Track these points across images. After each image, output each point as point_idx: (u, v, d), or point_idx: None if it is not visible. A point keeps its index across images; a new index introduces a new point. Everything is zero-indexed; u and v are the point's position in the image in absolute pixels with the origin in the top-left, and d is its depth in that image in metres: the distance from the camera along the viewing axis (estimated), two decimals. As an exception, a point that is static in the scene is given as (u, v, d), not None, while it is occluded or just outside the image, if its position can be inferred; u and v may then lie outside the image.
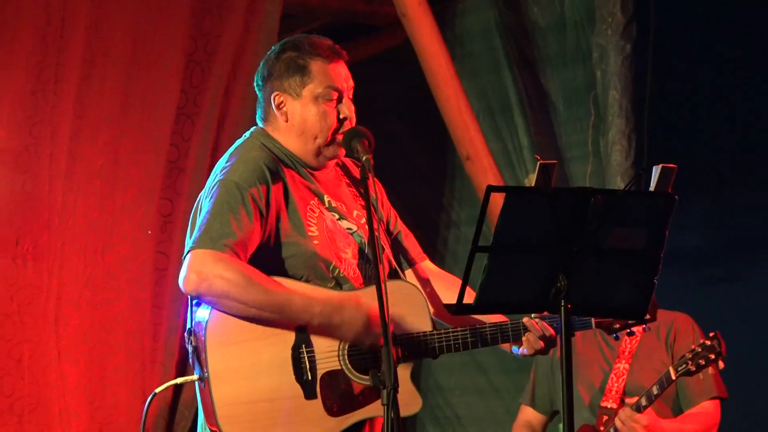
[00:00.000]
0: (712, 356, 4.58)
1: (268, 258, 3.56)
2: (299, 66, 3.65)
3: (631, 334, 3.76)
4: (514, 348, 3.70)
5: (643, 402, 4.73)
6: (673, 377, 4.64)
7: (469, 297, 3.25)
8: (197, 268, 3.44)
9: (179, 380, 3.84)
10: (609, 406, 4.86)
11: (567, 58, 6.28)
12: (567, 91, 6.32)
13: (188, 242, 3.51)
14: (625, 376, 4.88)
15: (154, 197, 5.61)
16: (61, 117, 5.43)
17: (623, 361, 4.93)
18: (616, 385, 4.89)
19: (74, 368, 5.45)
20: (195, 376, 3.55)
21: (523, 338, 3.66)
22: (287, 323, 3.50)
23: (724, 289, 5.98)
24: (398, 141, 6.82)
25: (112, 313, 5.52)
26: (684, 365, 4.61)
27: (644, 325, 3.73)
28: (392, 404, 3.18)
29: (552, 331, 3.64)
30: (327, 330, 3.50)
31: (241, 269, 3.45)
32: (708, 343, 4.60)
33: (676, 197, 3.21)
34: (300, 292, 3.50)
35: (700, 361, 4.59)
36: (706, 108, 6.04)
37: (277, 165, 3.62)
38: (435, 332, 3.61)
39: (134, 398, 5.50)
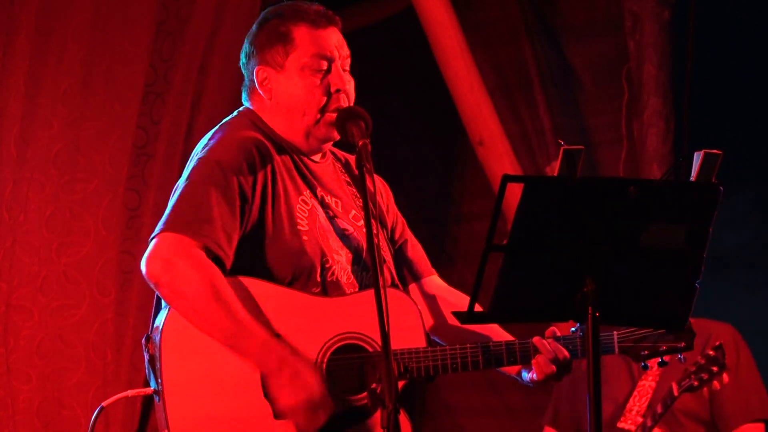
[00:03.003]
0: (715, 369, 4.58)
1: (249, 254, 3.53)
2: (281, 34, 3.63)
3: (663, 364, 3.74)
4: (523, 373, 3.68)
5: (648, 423, 4.75)
6: (675, 394, 4.66)
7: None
8: (165, 254, 3.42)
9: (130, 393, 3.81)
10: (626, 428, 4.87)
11: (595, 26, 6.27)
12: (595, 66, 6.31)
13: (159, 223, 3.47)
14: (649, 395, 4.90)
15: (118, 188, 5.61)
16: (11, 95, 5.42)
17: (650, 378, 4.94)
18: (637, 404, 4.91)
19: (26, 385, 5.44)
20: (150, 389, 3.53)
21: (533, 361, 3.63)
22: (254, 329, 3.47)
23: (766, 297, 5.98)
24: (400, 123, 6.81)
25: (69, 322, 5.52)
26: (687, 380, 4.63)
27: (679, 355, 3.71)
28: (394, 428, 3.16)
29: (566, 354, 3.62)
30: (271, 380, 3.44)
31: (212, 276, 3.42)
32: (712, 354, 4.60)
33: (722, 188, 3.20)
34: (265, 331, 3.44)
35: (703, 375, 4.60)
36: (756, 85, 6.02)
37: (268, 148, 3.60)
38: (429, 349, 3.59)
39: (95, 420, 5.50)
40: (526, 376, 3.66)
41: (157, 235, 3.45)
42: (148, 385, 3.55)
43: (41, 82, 5.50)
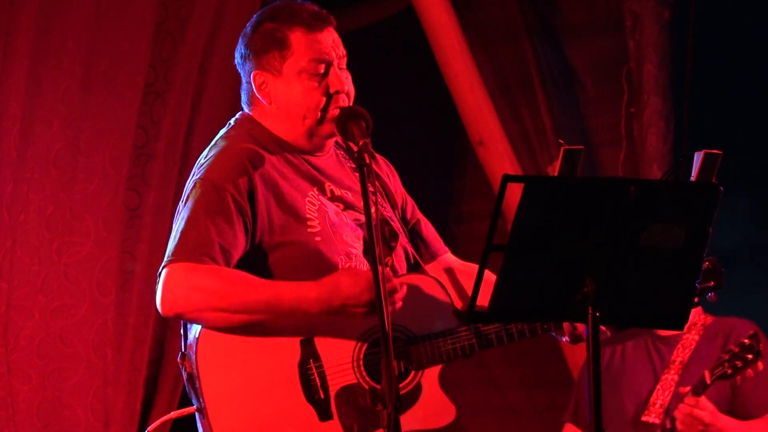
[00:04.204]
0: (750, 357, 4.60)
1: (262, 263, 3.56)
2: (277, 39, 3.63)
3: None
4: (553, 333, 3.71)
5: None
6: (708, 381, 4.66)
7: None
8: (171, 285, 3.45)
9: (174, 414, 3.84)
10: (651, 422, 4.88)
11: (596, 26, 6.27)
12: (595, 66, 6.31)
13: (166, 254, 3.51)
14: (672, 389, 4.90)
15: (119, 188, 5.60)
16: (11, 95, 5.42)
17: (672, 372, 4.95)
18: (661, 398, 4.91)
19: (26, 385, 5.44)
20: (193, 408, 3.55)
21: (564, 324, 3.66)
22: (289, 330, 3.49)
23: (765, 298, 5.97)
24: (400, 123, 6.80)
25: (70, 322, 5.51)
26: (720, 368, 4.63)
27: (708, 293, 3.74)
28: (393, 427, 3.16)
29: None
30: (331, 316, 3.47)
31: (218, 273, 3.45)
32: (747, 342, 4.61)
33: (722, 188, 3.20)
34: (288, 282, 3.48)
35: (737, 363, 4.61)
36: (756, 85, 6.02)
37: (265, 157, 3.61)
38: (464, 328, 3.61)
39: (95, 420, 5.50)
40: (558, 336, 3.69)
41: (164, 267, 3.48)
42: (149, 386, 3.57)
43: (41, 82, 5.50)
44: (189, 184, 3.60)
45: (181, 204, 3.59)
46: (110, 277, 5.56)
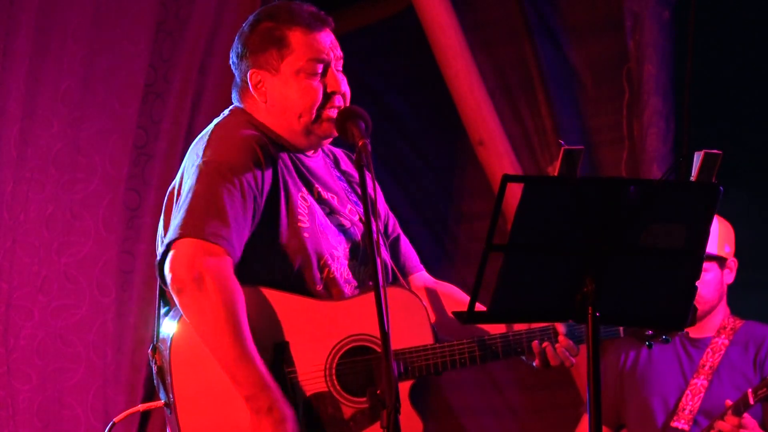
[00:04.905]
0: None
1: (254, 252, 3.55)
2: (276, 38, 3.63)
3: (666, 341, 3.76)
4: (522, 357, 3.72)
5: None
6: (751, 402, 4.61)
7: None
8: (193, 261, 3.39)
9: (141, 407, 3.83)
10: (680, 428, 4.86)
11: (596, 26, 6.27)
12: (596, 66, 6.31)
13: (174, 228, 3.45)
14: (701, 394, 4.88)
15: (119, 188, 5.60)
16: (11, 95, 5.42)
17: (702, 377, 4.92)
18: (690, 404, 4.89)
19: (26, 385, 5.44)
20: (160, 402, 3.54)
21: (534, 347, 3.68)
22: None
23: (762, 297, 5.96)
24: (400, 123, 6.80)
25: (70, 322, 5.51)
26: (765, 389, 4.58)
27: (680, 332, 3.74)
28: (393, 427, 3.17)
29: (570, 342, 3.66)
30: (257, 418, 3.43)
31: (234, 301, 3.41)
32: None
33: (722, 188, 3.20)
34: (263, 369, 3.45)
35: None
36: (756, 85, 6.02)
37: (269, 145, 3.61)
38: (437, 345, 3.61)
39: (95, 420, 5.50)
40: (529, 361, 3.70)
41: (176, 240, 3.43)
42: (149, 386, 3.57)
43: (41, 82, 5.50)
44: (195, 167, 3.55)
45: (187, 183, 3.53)
46: (110, 277, 5.56)
